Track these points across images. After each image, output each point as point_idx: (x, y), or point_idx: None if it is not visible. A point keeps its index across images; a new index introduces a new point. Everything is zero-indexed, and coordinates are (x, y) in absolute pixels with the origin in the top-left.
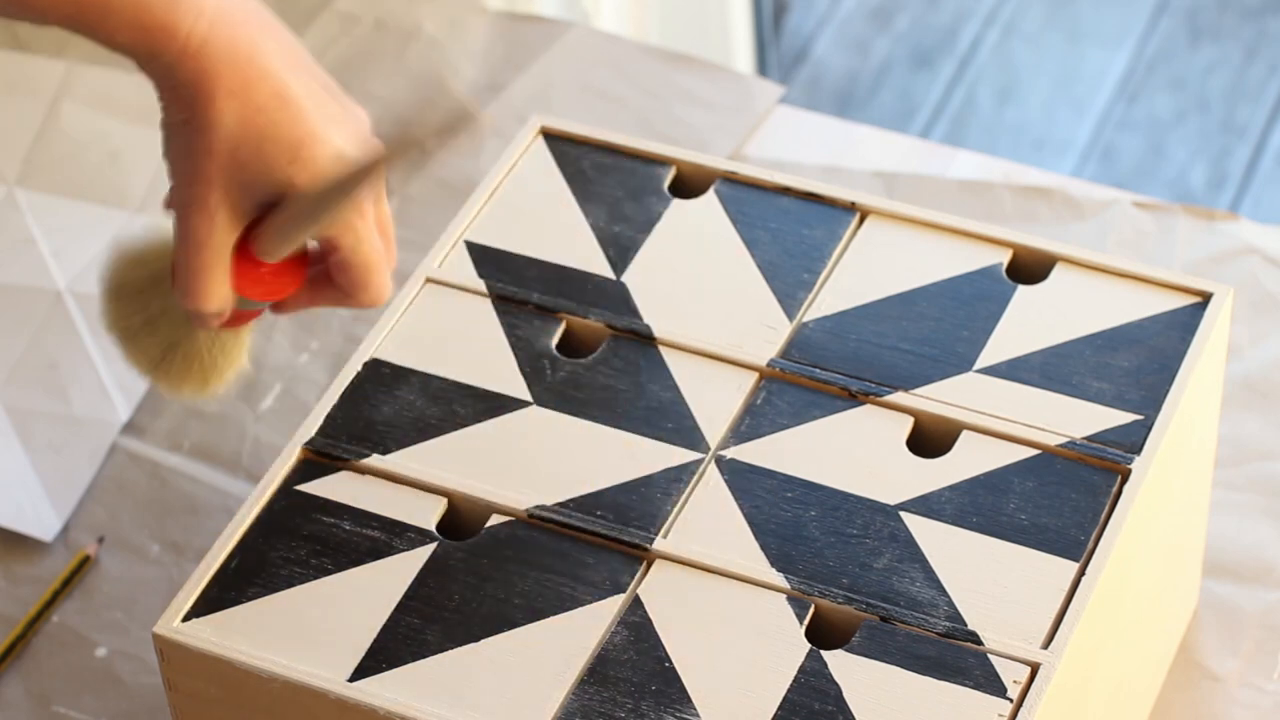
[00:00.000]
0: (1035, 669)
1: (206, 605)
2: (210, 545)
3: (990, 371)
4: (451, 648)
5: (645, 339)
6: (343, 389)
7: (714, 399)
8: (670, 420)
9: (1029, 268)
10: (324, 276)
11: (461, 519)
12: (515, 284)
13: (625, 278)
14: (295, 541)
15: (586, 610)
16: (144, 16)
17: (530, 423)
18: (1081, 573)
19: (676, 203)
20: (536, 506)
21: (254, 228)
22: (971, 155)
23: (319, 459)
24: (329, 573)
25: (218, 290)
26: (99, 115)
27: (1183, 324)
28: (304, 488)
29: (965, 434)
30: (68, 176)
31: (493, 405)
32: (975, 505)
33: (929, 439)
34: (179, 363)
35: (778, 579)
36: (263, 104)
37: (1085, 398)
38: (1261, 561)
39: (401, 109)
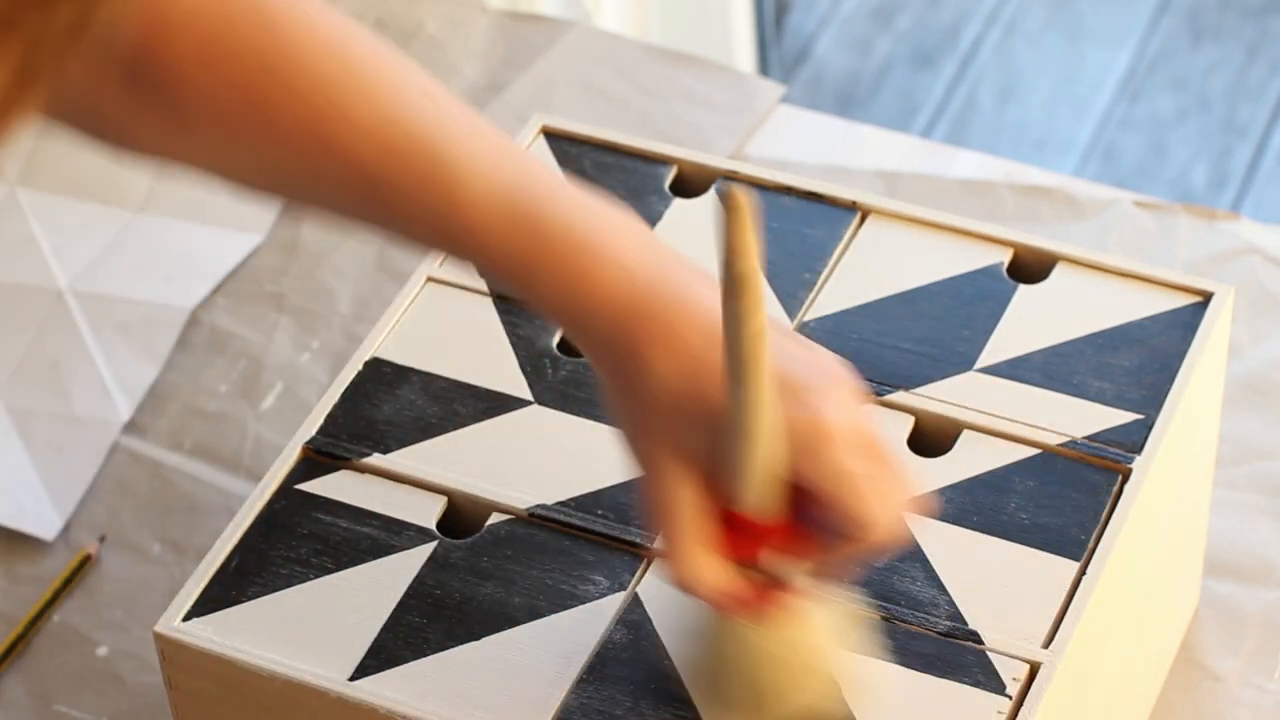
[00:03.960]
0: (1035, 668)
1: (207, 604)
2: (211, 544)
3: (991, 371)
4: (452, 646)
5: None
6: (344, 388)
7: None
8: None
9: (1030, 267)
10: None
11: (462, 518)
12: None
13: None
14: (296, 540)
15: (587, 609)
16: (573, 280)
17: (531, 422)
18: (1082, 572)
19: (678, 202)
20: (537, 505)
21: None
22: (973, 155)
23: (320, 458)
24: (330, 572)
25: (698, 554)
26: None
27: (1184, 323)
28: (305, 487)
29: (966, 433)
30: (69, 176)
31: (493, 404)
32: (976, 504)
33: (930, 438)
34: (740, 689)
35: None
36: (691, 343)
37: (1086, 397)
38: (1262, 561)
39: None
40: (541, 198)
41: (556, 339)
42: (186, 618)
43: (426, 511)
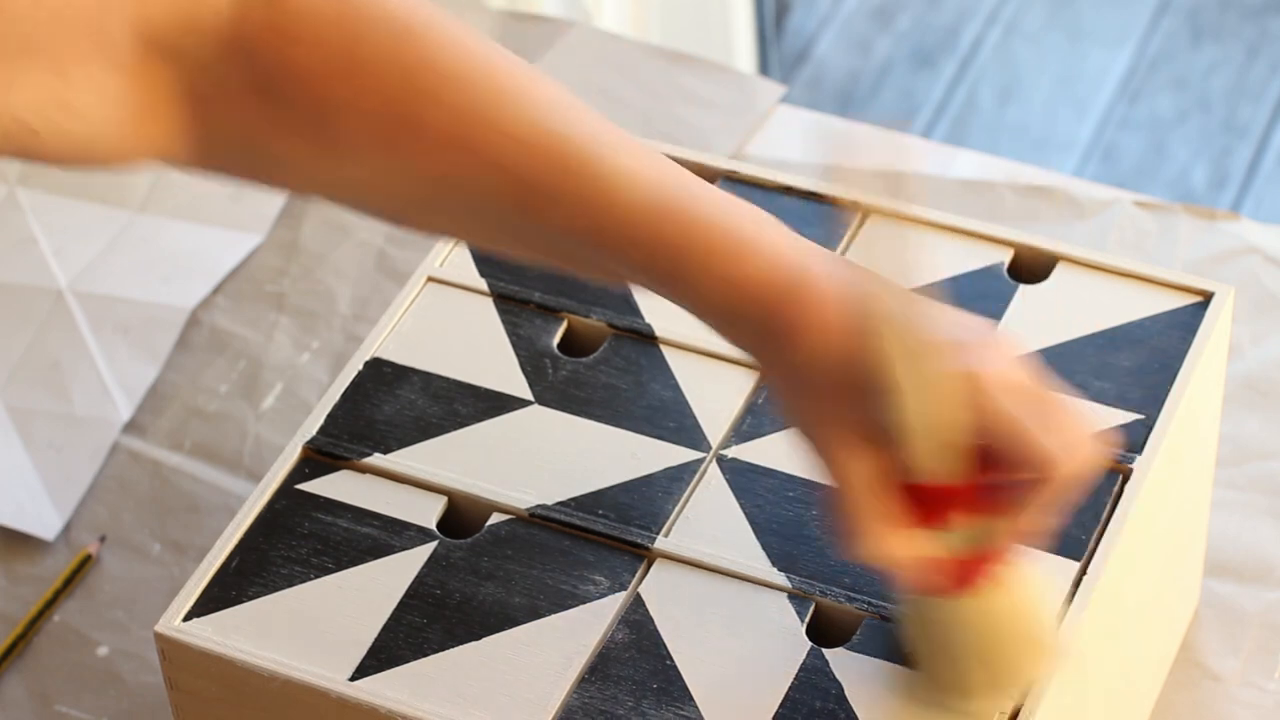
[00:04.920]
0: None
1: (208, 604)
2: (211, 544)
3: None
4: (452, 646)
5: (647, 338)
6: (344, 388)
7: (715, 398)
8: (671, 419)
9: (1030, 267)
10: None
11: (462, 518)
12: (517, 283)
13: None
14: (296, 540)
15: (587, 609)
16: (728, 271)
17: (531, 422)
18: (1082, 572)
19: None
20: (537, 505)
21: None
22: (973, 155)
23: (320, 458)
24: (330, 572)
25: (883, 527)
26: None
27: (1184, 323)
28: (305, 487)
29: None
30: (69, 176)
31: (494, 404)
32: None
33: None
34: (968, 668)
35: (779, 578)
36: (839, 315)
37: (1086, 397)
38: (1262, 561)
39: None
40: (688, 193)
41: (557, 339)
42: (187, 618)
43: (426, 511)
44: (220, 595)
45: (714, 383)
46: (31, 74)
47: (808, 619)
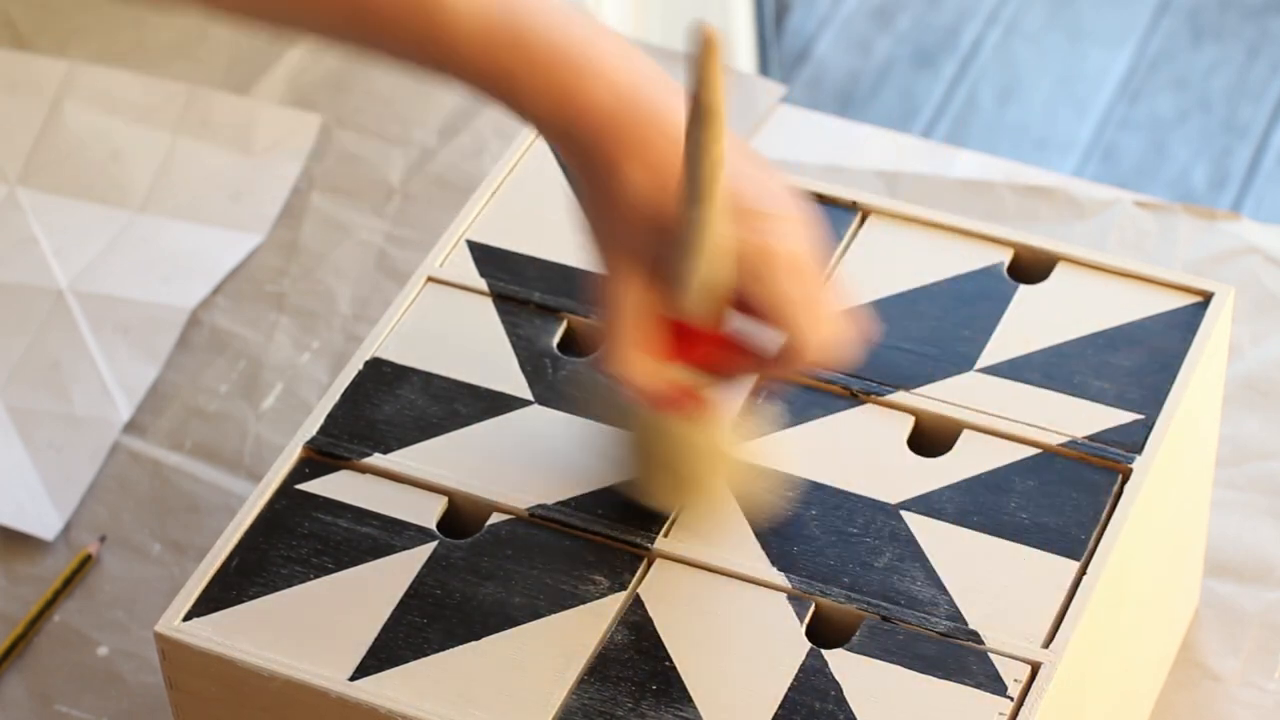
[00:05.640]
0: (1036, 668)
1: (208, 604)
2: (211, 544)
3: (991, 371)
4: (452, 646)
5: None
6: (344, 388)
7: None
8: None
9: (1030, 267)
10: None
11: (462, 518)
12: (517, 283)
13: None
14: (296, 540)
15: (587, 609)
16: (556, 90)
17: (531, 422)
18: (1082, 572)
19: None
20: (537, 505)
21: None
22: (973, 155)
23: (320, 458)
24: (330, 572)
25: (634, 350)
26: (101, 114)
27: (1184, 323)
28: (305, 487)
29: (966, 433)
30: (69, 176)
31: (494, 404)
32: (976, 504)
33: (930, 438)
34: (658, 473)
35: (778, 578)
36: (664, 157)
37: (1086, 397)
38: (1262, 561)
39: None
40: (522, 12)
41: (556, 339)
42: (187, 618)
43: (426, 511)
44: (220, 595)
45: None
46: None
47: (807, 619)
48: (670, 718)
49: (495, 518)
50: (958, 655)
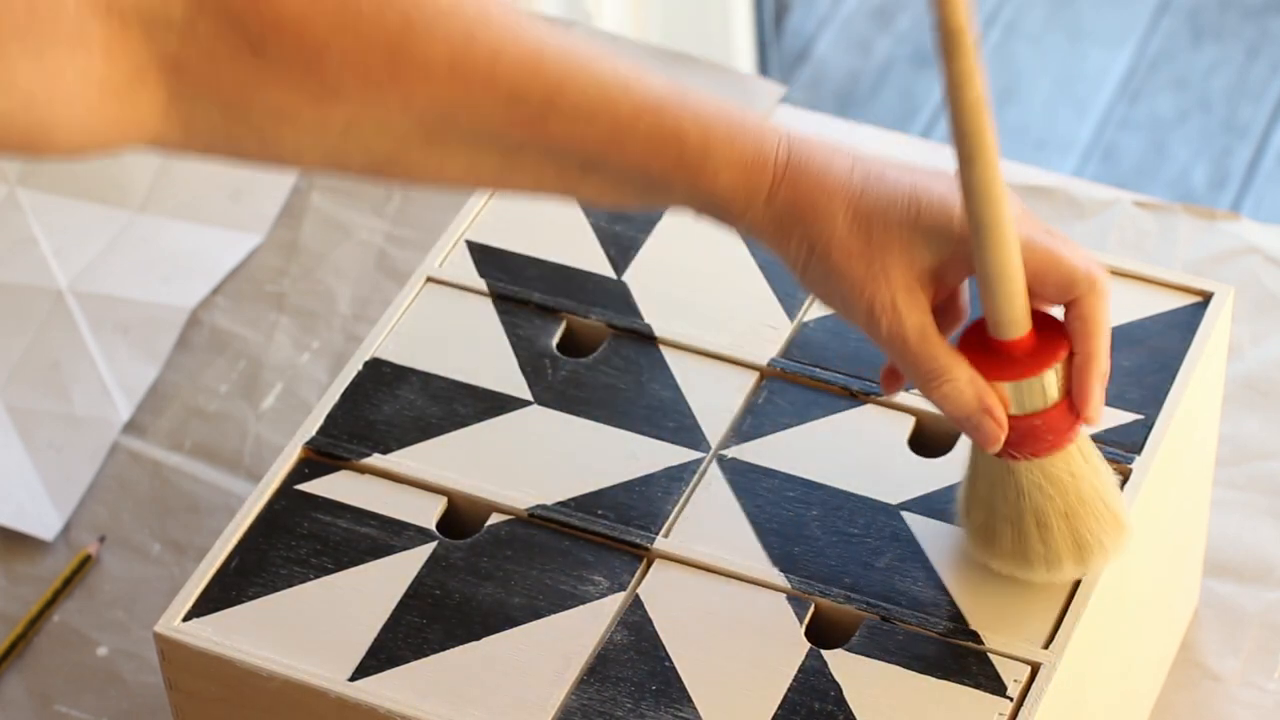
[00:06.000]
0: (1036, 668)
1: (207, 604)
2: (211, 544)
3: None
4: (452, 646)
5: (646, 338)
6: (344, 388)
7: (715, 398)
8: (671, 419)
9: None
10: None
11: (462, 518)
12: (516, 283)
13: (626, 277)
14: (296, 541)
15: (587, 609)
16: (735, 155)
17: (531, 422)
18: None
19: None
20: (537, 506)
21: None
22: None
23: (320, 458)
24: (330, 572)
25: (949, 363)
26: None
27: (1184, 323)
28: (305, 487)
29: None
30: (69, 176)
31: (493, 404)
32: None
33: (930, 438)
34: (1036, 528)
35: (778, 578)
36: (860, 185)
37: None
38: (1262, 561)
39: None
40: (681, 90)
41: (556, 339)
42: (186, 618)
43: (426, 511)
44: (220, 595)
45: (713, 383)
46: None
47: (807, 620)
48: (670, 718)
49: (495, 518)
50: (958, 655)
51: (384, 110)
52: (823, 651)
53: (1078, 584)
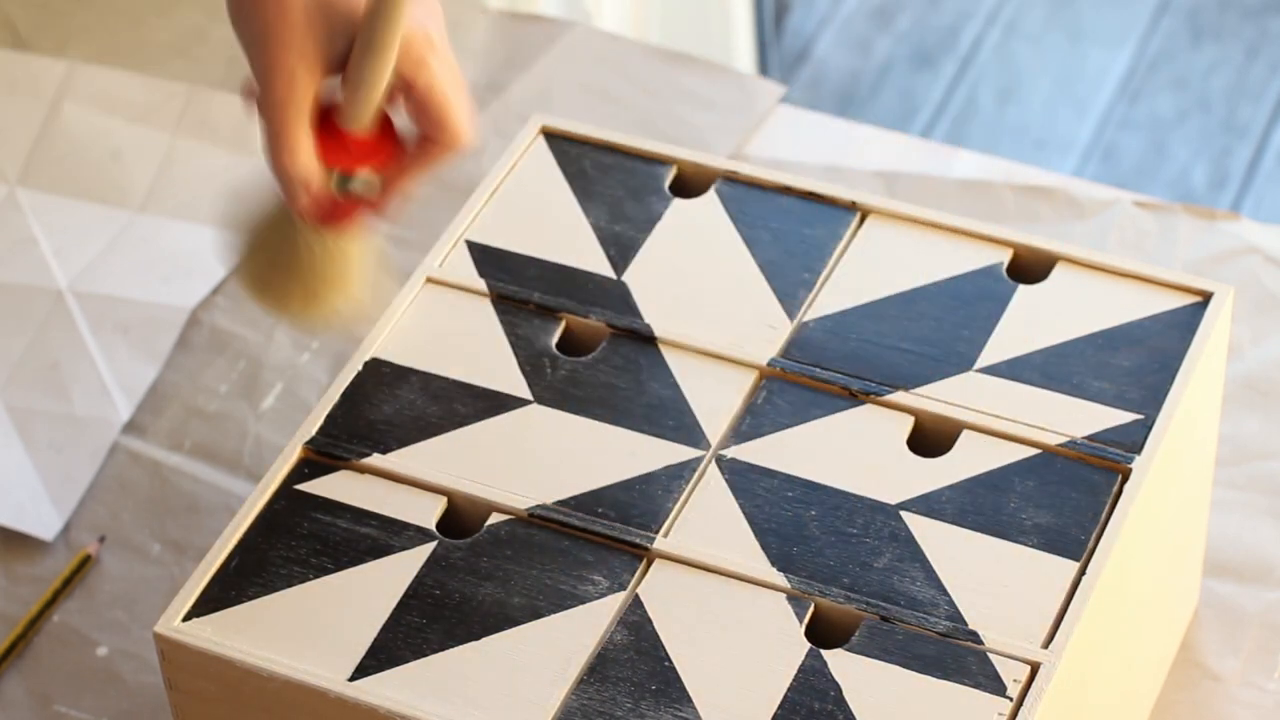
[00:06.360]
0: (1035, 668)
1: (207, 604)
2: (211, 544)
3: (991, 371)
4: (452, 646)
5: (646, 338)
6: (343, 388)
7: (714, 398)
8: (671, 419)
9: (1030, 267)
10: (415, 141)
11: (462, 518)
12: (516, 283)
13: (626, 277)
14: (296, 541)
15: (586, 609)
16: None
17: (530, 422)
18: (1082, 572)
19: (677, 202)
20: (536, 505)
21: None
22: (972, 155)
23: (320, 458)
24: (329, 572)
25: (302, 150)
26: (100, 115)
27: (1183, 323)
28: (304, 487)
29: (966, 433)
30: (69, 176)
31: (493, 404)
32: (976, 504)
33: (929, 438)
34: (290, 276)
35: (778, 578)
36: None
37: (1086, 397)
38: (1262, 561)
39: None
40: None
41: (556, 339)
42: (186, 618)
43: (426, 511)
44: (220, 595)
45: (713, 382)
46: None
47: (806, 620)
48: (670, 718)
49: (494, 518)
50: (957, 655)
51: None
52: (823, 651)
53: (1077, 584)
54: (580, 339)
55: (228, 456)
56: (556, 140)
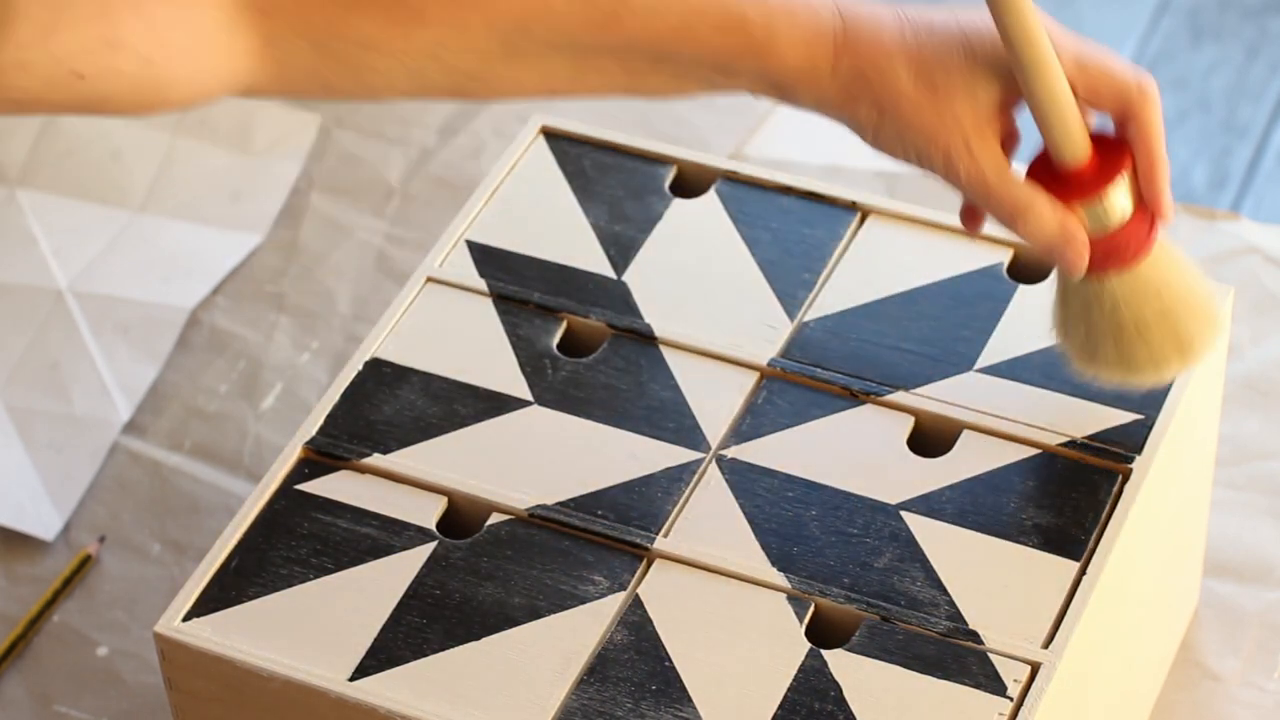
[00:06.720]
0: (1036, 668)
1: (207, 604)
2: (211, 544)
3: (991, 371)
4: (452, 646)
5: (646, 338)
6: (344, 388)
7: (715, 398)
8: (671, 420)
9: (1030, 267)
10: (1119, 129)
11: (462, 518)
12: (516, 283)
13: (626, 277)
14: (296, 541)
15: (586, 609)
16: (797, 33)
17: (531, 422)
18: (1082, 572)
19: (677, 202)
20: (537, 506)
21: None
22: None
23: (320, 458)
24: (329, 572)
25: (1029, 197)
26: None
27: None
28: (305, 487)
29: (966, 433)
30: (69, 176)
31: (493, 404)
32: (976, 504)
33: (930, 438)
34: (1122, 337)
35: (778, 578)
36: (914, 39)
37: (1086, 397)
38: (1262, 561)
39: None
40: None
41: (556, 339)
42: (186, 618)
43: (426, 511)
44: (220, 595)
45: (713, 383)
46: (73, 13)
47: (806, 620)
48: (670, 718)
49: (495, 518)
50: (957, 655)
51: (467, 29)
52: (823, 651)
53: (1078, 584)
54: (581, 339)
55: (228, 456)
56: (556, 140)
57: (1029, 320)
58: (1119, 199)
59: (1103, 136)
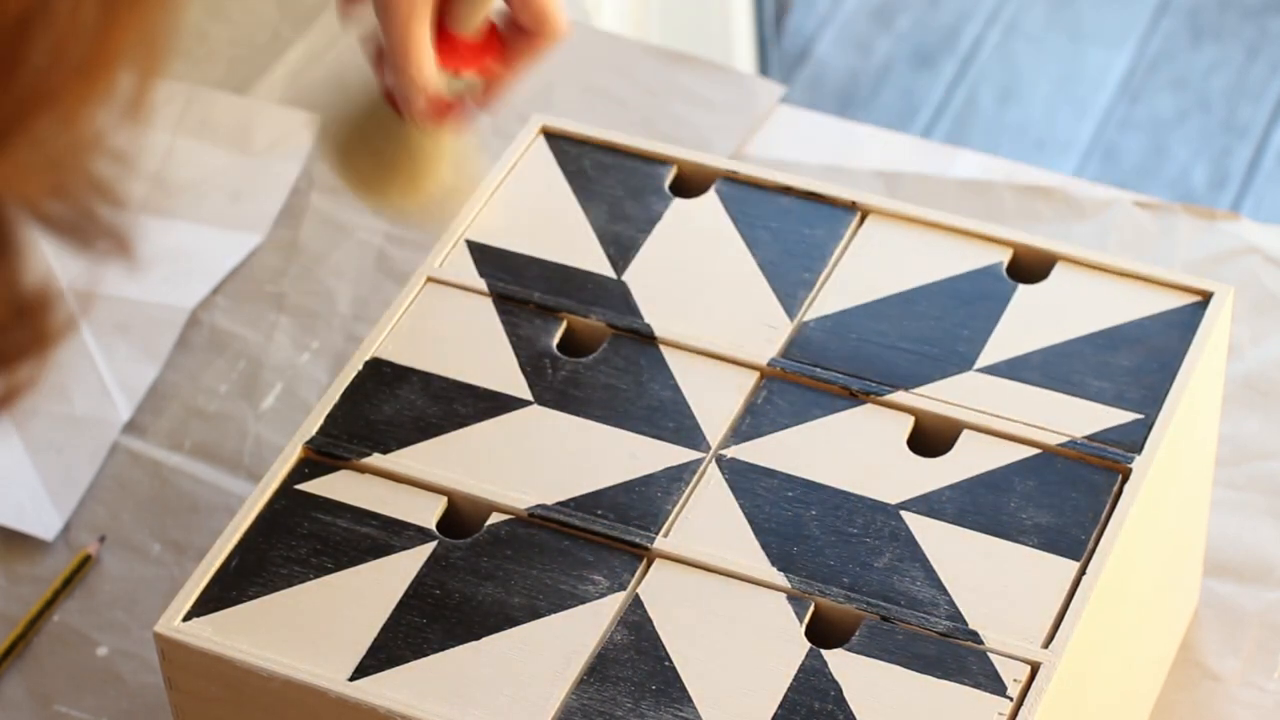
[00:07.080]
0: (1036, 668)
1: (207, 604)
2: (211, 544)
3: (991, 371)
4: (452, 646)
5: (646, 338)
6: (344, 388)
7: (715, 398)
8: (671, 419)
9: (1030, 267)
10: (512, 36)
11: (462, 518)
12: (516, 283)
13: (626, 277)
14: (296, 540)
15: (586, 609)
16: None
17: (531, 422)
18: (1082, 572)
19: (677, 202)
20: (537, 505)
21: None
22: (973, 155)
23: (320, 458)
24: (329, 572)
25: (427, 59)
26: None
27: (1183, 323)
28: (305, 487)
29: (966, 433)
30: None
31: (493, 404)
32: (976, 504)
33: (929, 438)
34: (392, 167)
35: (778, 578)
36: None
37: (1086, 397)
38: (1262, 561)
39: None
40: None
41: (556, 339)
42: (186, 618)
43: (426, 511)
44: (220, 595)
45: (713, 383)
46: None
47: (806, 620)
48: (670, 718)
49: (495, 518)
50: (957, 655)
51: None
52: (823, 651)
53: (1078, 584)
54: (581, 339)
55: (228, 456)
56: (556, 140)
57: (1029, 320)
58: (463, 82)
59: (495, 29)
